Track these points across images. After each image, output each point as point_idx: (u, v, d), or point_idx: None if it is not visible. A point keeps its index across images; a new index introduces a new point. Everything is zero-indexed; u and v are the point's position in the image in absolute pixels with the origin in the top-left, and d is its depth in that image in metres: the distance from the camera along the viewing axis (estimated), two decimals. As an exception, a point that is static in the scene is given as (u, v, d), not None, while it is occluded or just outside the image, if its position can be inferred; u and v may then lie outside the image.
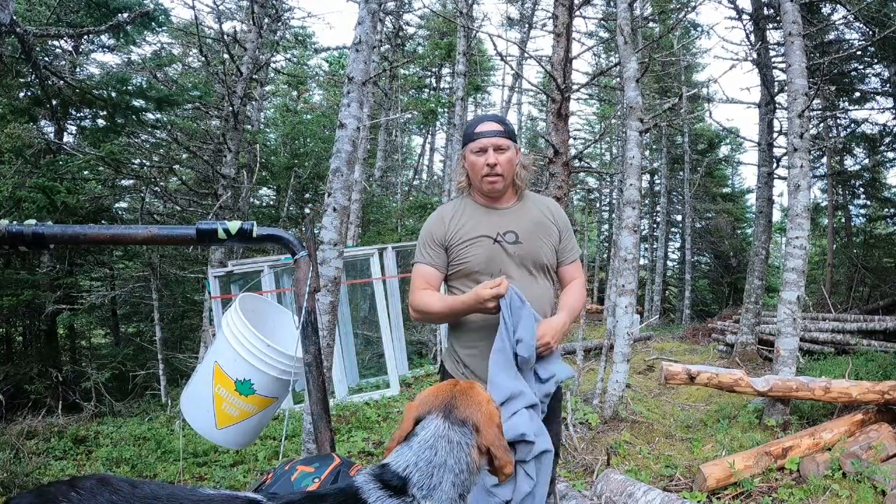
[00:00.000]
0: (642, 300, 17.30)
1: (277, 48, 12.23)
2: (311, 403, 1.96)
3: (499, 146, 1.78)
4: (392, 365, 6.40)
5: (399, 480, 1.11)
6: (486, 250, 1.83)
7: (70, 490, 1.03)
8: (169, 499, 1.06)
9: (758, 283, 8.14)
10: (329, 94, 16.72)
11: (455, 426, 1.17)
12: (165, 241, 1.80)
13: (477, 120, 1.87)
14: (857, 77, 10.22)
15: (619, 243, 5.02)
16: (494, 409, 1.25)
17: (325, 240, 3.50)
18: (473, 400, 1.23)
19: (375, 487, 1.10)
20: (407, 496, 1.09)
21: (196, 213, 9.30)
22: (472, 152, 1.81)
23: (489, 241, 1.83)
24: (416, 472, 1.12)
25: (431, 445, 1.15)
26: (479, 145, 1.79)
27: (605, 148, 21.80)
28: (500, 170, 1.79)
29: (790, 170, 4.69)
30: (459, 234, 1.86)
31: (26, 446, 4.54)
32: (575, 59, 6.39)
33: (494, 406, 1.27)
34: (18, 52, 5.10)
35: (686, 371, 3.85)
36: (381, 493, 1.09)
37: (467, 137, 1.84)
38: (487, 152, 1.78)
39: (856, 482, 3.02)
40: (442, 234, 1.88)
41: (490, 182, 1.81)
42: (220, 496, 1.11)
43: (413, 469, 1.12)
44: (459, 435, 1.16)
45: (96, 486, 1.05)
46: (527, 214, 1.89)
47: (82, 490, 1.03)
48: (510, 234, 1.84)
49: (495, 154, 1.78)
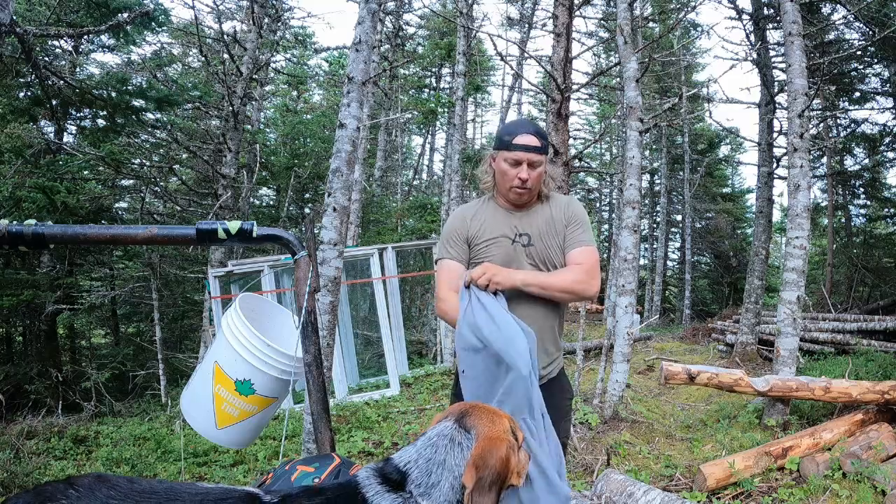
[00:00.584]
0: (642, 300, 17.30)
1: (277, 48, 12.22)
2: (311, 403, 1.96)
3: (533, 163, 1.79)
4: (392, 365, 6.40)
5: (398, 475, 1.11)
6: (504, 250, 1.85)
7: (68, 488, 1.04)
8: (166, 493, 1.07)
9: (758, 283, 8.14)
10: (329, 94, 16.72)
11: (461, 429, 1.17)
12: (165, 241, 1.80)
13: (516, 127, 1.84)
14: (857, 77, 10.22)
15: (619, 243, 5.02)
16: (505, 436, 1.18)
17: (325, 240, 3.50)
18: (488, 418, 1.21)
19: (376, 482, 1.10)
20: (404, 491, 1.08)
21: (196, 213, 9.30)
22: (506, 161, 1.80)
23: (507, 242, 1.86)
24: (415, 468, 1.11)
25: (434, 443, 1.14)
26: (515, 157, 1.78)
27: (605, 148, 21.80)
28: (530, 184, 1.80)
29: (790, 170, 4.69)
30: (480, 233, 1.88)
31: (26, 446, 4.54)
32: (575, 59, 6.39)
33: (510, 436, 1.20)
34: (18, 52, 5.11)
35: (686, 371, 3.85)
36: (379, 487, 1.09)
37: (504, 144, 1.81)
38: (521, 166, 1.78)
39: (856, 482, 3.02)
40: (465, 231, 1.90)
41: (518, 194, 1.83)
42: (218, 490, 1.12)
43: (413, 465, 1.12)
44: (462, 437, 1.15)
45: (94, 483, 1.06)
46: (542, 216, 1.90)
47: (80, 487, 1.04)
48: (524, 237, 1.87)
49: (528, 170, 1.78)
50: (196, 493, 1.09)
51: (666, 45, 11.37)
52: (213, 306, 6.70)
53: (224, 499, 1.09)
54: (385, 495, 1.08)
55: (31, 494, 1.06)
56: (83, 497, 1.03)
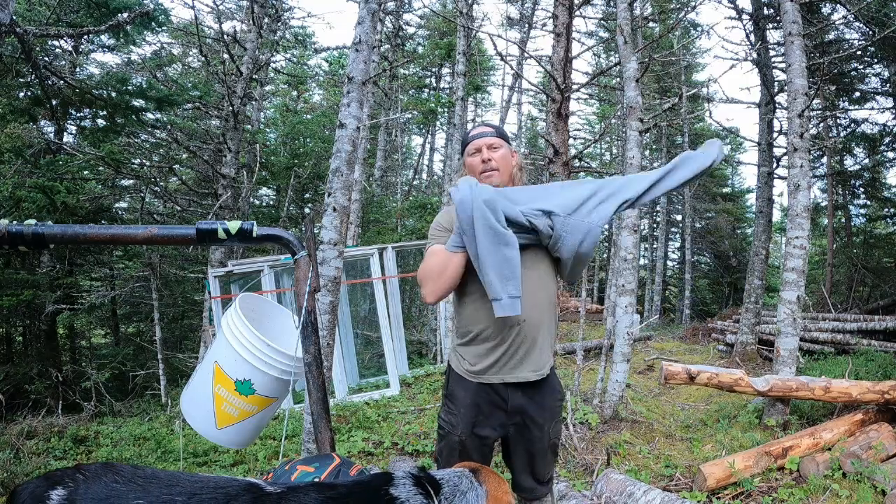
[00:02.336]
0: (642, 300, 17.30)
1: (277, 48, 12.22)
2: (311, 403, 1.96)
3: (491, 145, 1.91)
4: (392, 365, 6.40)
5: (434, 485, 1.29)
6: None
7: (76, 473, 1.11)
8: (169, 479, 1.13)
9: (758, 282, 8.14)
10: (329, 94, 16.72)
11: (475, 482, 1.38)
12: (165, 241, 1.80)
13: (471, 128, 2.02)
14: (857, 77, 10.22)
15: (619, 243, 5.02)
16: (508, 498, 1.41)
17: (325, 240, 3.50)
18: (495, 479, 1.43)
19: (409, 483, 1.27)
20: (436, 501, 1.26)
21: (196, 213, 9.30)
22: (469, 155, 1.94)
23: None
24: (446, 486, 1.32)
25: (459, 476, 1.37)
26: (474, 146, 1.92)
27: (605, 148, 21.80)
28: (494, 164, 1.88)
29: (790, 169, 4.69)
30: None
31: (26, 446, 4.55)
32: (575, 59, 6.39)
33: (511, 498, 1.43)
34: (18, 52, 5.11)
35: (686, 371, 3.85)
36: (413, 488, 1.26)
37: (463, 144, 1.98)
38: (481, 151, 1.90)
39: (856, 482, 3.02)
40: (451, 222, 1.91)
41: (487, 177, 1.89)
42: (220, 479, 1.16)
43: (445, 483, 1.32)
44: (477, 487, 1.37)
45: (100, 469, 1.13)
46: None
47: (87, 472, 1.11)
48: None
49: (489, 151, 1.90)
50: (197, 481, 1.14)
51: (666, 45, 11.37)
52: (213, 306, 6.69)
53: (224, 486, 1.14)
54: (416, 496, 1.24)
55: (41, 479, 1.12)
56: (89, 481, 1.09)
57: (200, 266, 9.68)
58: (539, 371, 1.78)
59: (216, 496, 1.11)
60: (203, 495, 1.10)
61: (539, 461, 1.86)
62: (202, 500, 1.09)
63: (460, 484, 1.33)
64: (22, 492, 1.11)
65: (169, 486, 1.11)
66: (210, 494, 1.11)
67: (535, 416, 1.80)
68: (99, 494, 1.07)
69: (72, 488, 1.08)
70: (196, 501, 1.09)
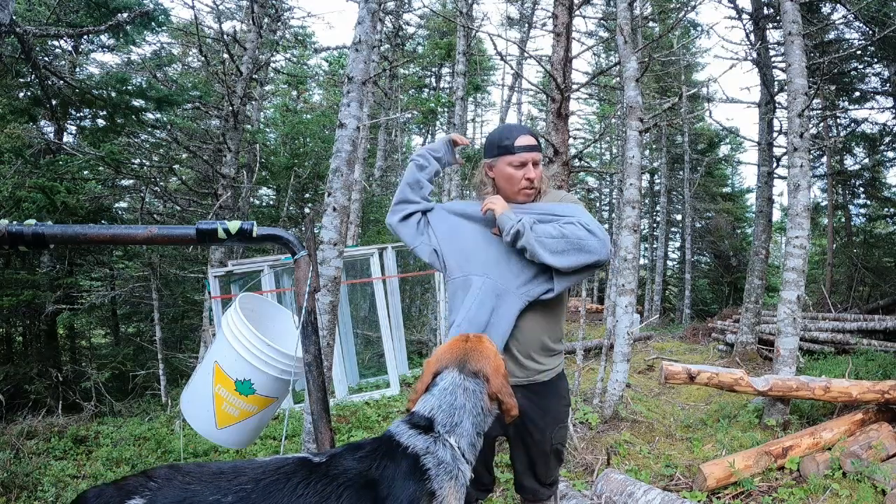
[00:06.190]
0: (642, 300, 17.29)
1: (277, 48, 12.20)
2: (311, 403, 1.95)
3: (536, 161, 1.82)
4: (392, 364, 6.40)
5: (426, 421, 1.30)
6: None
7: (148, 480, 1.12)
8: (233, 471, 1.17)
9: (758, 282, 8.14)
10: (329, 93, 16.71)
11: (469, 377, 1.36)
12: (165, 241, 1.79)
13: (510, 131, 1.83)
14: (857, 76, 10.21)
15: (619, 243, 5.02)
16: (500, 362, 1.44)
17: (325, 239, 3.50)
18: (483, 354, 1.41)
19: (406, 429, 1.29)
20: (433, 432, 1.28)
21: (196, 213, 9.29)
22: (512, 165, 1.81)
23: None
24: (439, 412, 1.31)
25: (451, 392, 1.34)
26: (521, 159, 1.79)
27: (605, 147, 21.79)
28: (537, 184, 1.84)
29: (790, 169, 4.69)
30: None
31: (26, 446, 4.54)
32: (575, 59, 6.39)
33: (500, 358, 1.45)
34: (18, 52, 5.10)
35: (686, 370, 3.85)
36: (411, 431, 1.28)
37: (504, 150, 1.81)
38: (527, 167, 1.80)
39: (856, 481, 3.02)
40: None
41: (527, 195, 1.85)
42: (274, 461, 1.22)
43: (437, 411, 1.31)
44: (473, 384, 1.36)
45: (169, 472, 1.14)
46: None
47: (157, 478, 1.12)
48: None
49: (535, 169, 1.81)
50: (257, 467, 1.19)
51: (666, 45, 11.37)
52: (213, 306, 6.69)
53: (281, 466, 1.19)
54: (418, 437, 1.26)
55: (111, 488, 1.12)
56: (163, 487, 1.10)
57: (200, 266, 9.66)
58: (535, 377, 1.78)
59: (278, 477, 1.16)
60: (267, 479, 1.15)
61: (540, 465, 1.85)
62: (267, 485, 1.14)
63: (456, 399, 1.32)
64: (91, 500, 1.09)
65: (236, 477, 1.14)
66: (272, 477, 1.16)
67: (535, 419, 1.79)
68: (176, 498, 1.08)
69: (149, 497, 1.07)
70: (262, 486, 1.14)
